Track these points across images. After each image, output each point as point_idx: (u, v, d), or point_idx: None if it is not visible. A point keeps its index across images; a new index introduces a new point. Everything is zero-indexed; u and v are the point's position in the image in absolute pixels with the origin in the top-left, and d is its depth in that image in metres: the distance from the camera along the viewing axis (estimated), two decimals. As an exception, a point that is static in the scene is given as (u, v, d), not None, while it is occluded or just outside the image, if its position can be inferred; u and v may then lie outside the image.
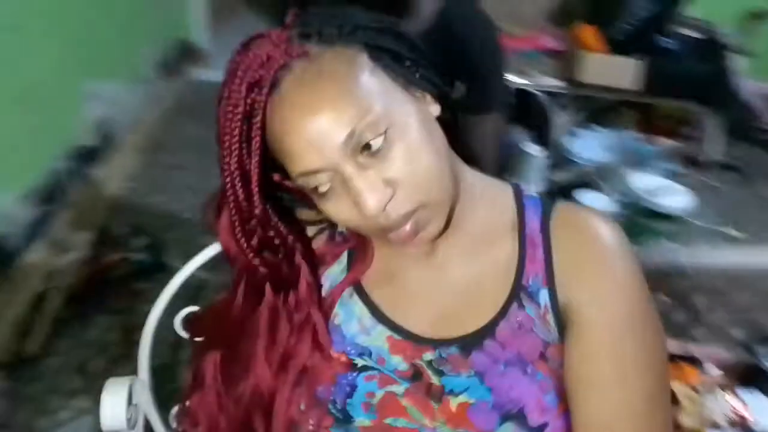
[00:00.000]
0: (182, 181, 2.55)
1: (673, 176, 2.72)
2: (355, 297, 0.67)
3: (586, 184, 2.45)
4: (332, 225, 0.71)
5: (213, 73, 3.47)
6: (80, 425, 1.51)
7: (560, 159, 2.78)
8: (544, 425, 0.59)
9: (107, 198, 2.33)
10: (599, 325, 0.59)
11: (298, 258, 0.65)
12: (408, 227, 0.57)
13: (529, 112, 3.06)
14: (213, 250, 0.88)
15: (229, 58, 0.57)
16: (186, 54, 3.38)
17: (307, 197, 0.61)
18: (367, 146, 0.54)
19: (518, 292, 0.63)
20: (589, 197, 1.99)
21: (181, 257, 2.27)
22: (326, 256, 0.69)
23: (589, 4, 2.73)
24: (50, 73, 2.06)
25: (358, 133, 0.53)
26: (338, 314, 0.67)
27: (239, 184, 0.57)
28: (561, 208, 0.67)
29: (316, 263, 0.68)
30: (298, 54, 0.54)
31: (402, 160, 0.54)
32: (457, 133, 0.68)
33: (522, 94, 2.83)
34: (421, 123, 0.56)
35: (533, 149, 2.20)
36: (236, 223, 0.59)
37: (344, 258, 0.70)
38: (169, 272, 0.90)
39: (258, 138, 0.54)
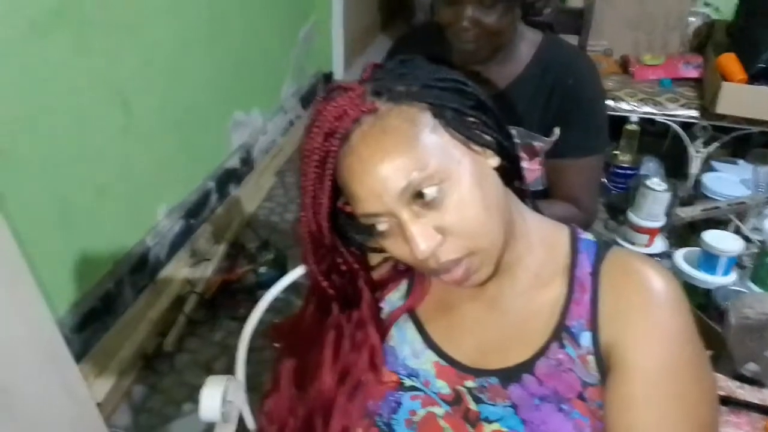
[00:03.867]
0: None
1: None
2: (410, 322, 0.73)
3: (718, 221, 2.29)
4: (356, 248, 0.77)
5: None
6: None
7: (694, 194, 2.62)
8: None
9: (243, 215, 2.57)
10: (639, 373, 0.60)
11: (361, 283, 0.73)
12: (459, 271, 0.61)
13: (662, 144, 2.92)
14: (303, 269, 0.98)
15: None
16: (323, 85, 3.63)
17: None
18: (421, 197, 0.58)
19: (560, 332, 0.65)
20: (715, 235, 1.86)
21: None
22: (388, 283, 0.76)
23: (732, 32, 2.56)
24: (205, 103, 2.35)
25: (414, 186, 0.58)
26: (393, 336, 0.73)
27: (312, 218, 0.65)
28: (615, 253, 0.68)
29: (376, 288, 0.75)
30: (369, 110, 0.60)
31: (453, 211, 0.59)
32: (520, 179, 0.72)
33: (654, 124, 2.71)
34: (474, 177, 0.60)
35: (655, 183, 2.10)
36: (309, 250, 0.68)
37: (404, 286, 0.76)
38: (289, 285, 1.03)
39: (329, 182, 0.61)
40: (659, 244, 2.24)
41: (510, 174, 0.69)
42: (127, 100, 1.85)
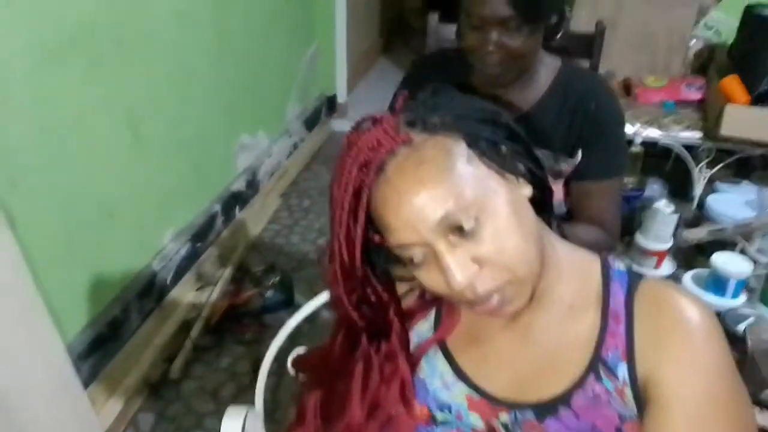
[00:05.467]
0: (313, 224, 2.75)
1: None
2: (440, 354, 0.72)
3: (725, 242, 2.29)
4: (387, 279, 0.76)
5: (348, 124, 3.71)
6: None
7: (699, 216, 2.62)
8: None
9: (249, 238, 2.56)
10: (679, 407, 0.59)
11: (391, 314, 0.72)
12: (494, 302, 0.61)
13: (664, 165, 2.93)
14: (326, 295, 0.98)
15: (363, 110, 0.65)
16: (327, 107, 3.65)
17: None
18: (458, 228, 0.58)
19: (597, 363, 0.64)
20: (724, 257, 1.86)
21: (306, 294, 2.43)
22: (416, 313, 0.75)
23: (734, 55, 2.59)
24: (212, 127, 2.36)
25: (451, 217, 0.58)
26: (423, 368, 0.72)
27: (345, 250, 0.64)
28: (648, 283, 0.67)
29: (406, 319, 0.74)
30: (403, 141, 0.60)
31: (490, 240, 0.59)
32: (550, 208, 0.72)
33: (659, 147, 2.72)
34: (510, 206, 0.60)
35: (663, 205, 2.10)
36: (340, 281, 0.67)
37: (432, 316, 0.75)
38: (296, 308, 1.02)
39: (363, 214, 0.61)
40: (667, 267, 2.24)
41: (540, 203, 0.69)
42: (136, 125, 1.86)
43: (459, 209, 0.58)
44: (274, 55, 2.90)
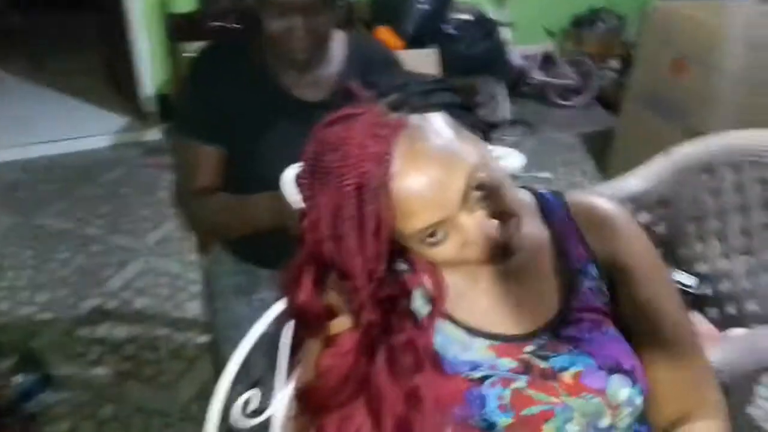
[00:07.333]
0: (15, 282, 2.26)
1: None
2: (445, 322, 0.74)
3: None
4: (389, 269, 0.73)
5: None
6: None
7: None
8: (634, 366, 0.73)
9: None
10: (643, 268, 0.76)
11: (403, 304, 0.71)
12: (512, 247, 0.66)
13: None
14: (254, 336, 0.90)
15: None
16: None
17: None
18: (478, 188, 0.62)
19: (575, 273, 0.76)
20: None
21: (63, 361, 2.09)
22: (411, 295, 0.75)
23: (375, 8, 2.97)
24: None
25: (472, 179, 0.61)
26: (435, 341, 0.73)
27: (373, 251, 0.61)
28: (571, 197, 0.81)
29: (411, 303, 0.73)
30: (401, 125, 0.61)
31: (499, 191, 0.63)
32: None
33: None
34: (494, 158, 0.67)
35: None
36: (365, 287, 0.64)
37: (417, 292, 0.74)
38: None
39: (390, 205, 0.60)
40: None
41: None
42: None
43: (474, 172, 0.61)
44: None
